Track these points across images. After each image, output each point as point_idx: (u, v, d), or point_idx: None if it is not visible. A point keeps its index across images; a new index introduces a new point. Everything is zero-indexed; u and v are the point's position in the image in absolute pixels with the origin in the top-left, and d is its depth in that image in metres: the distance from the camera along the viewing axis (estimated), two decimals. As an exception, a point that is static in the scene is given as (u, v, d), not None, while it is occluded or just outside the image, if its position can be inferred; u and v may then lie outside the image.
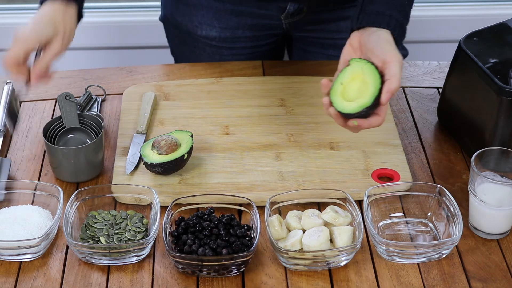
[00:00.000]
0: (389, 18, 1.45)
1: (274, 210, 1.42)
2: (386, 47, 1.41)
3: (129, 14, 2.66)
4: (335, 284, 1.34)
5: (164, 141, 1.50)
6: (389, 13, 1.46)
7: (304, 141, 1.59)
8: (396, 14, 1.46)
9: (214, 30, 1.80)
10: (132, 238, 1.38)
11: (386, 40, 1.43)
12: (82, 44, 2.65)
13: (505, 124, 1.46)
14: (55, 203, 1.43)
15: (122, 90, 1.73)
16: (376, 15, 1.46)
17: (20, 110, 1.69)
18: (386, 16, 1.45)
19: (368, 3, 1.48)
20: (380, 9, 1.46)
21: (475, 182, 1.40)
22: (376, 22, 1.45)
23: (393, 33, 1.44)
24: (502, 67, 1.48)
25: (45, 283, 1.34)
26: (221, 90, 1.72)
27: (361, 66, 1.40)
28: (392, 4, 1.47)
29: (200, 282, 1.34)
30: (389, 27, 1.45)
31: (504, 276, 1.36)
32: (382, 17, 1.45)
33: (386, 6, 1.47)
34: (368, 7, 1.47)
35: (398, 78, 1.37)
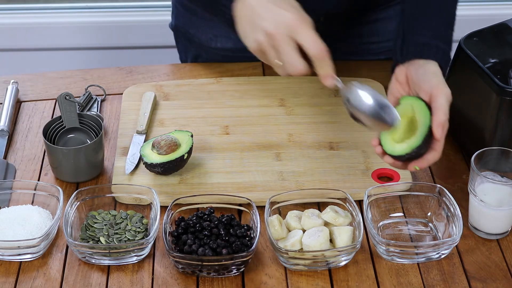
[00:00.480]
0: (436, 49, 1.42)
1: (274, 210, 1.42)
2: (433, 81, 1.38)
3: (129, 14, 2.67)
4: (335, 284, 1.34)
5: (164, 141, 1.50)
6: (435, 43, 1.42)
7: (304, 141, 1.59)
8: (441, 44, 1.42)
9: (230, 42, 1.78)
10: (132, 238, 1.38)
11: (433, 73, 1.39)
12: (82, 44, 2.66)
13: (505, 124, 1.46)
14: (55, 203, 1.43)
15: (122, 90, 1.73)
16: (422, 47, 1.42)
17: (20, 110, 1.69)
18: (432, 47, 1.42)
19: (410, 33, 1.44)
20: (424, 40, 1.42)
21: (475, 182, 1.40)
22: (423, 54, 1.41)
23: (440, 63, 1.41)
24: (502, 67, 1.48)
25: (45, 283, 1.34)
26: (221, 90, 1.72)
27: (411, 104, 1.38)
28: (436, 33, 1.43)
29: (200, 282, 1.34)
30: (437, 58, 1.41)
31: (504, 276, 1.36)
32: (428, 49, 1.42)
33: (430, 35, 1.43)
34: (411, 38, 1.43)
35: (444, 110, 1.35)
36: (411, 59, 1.42)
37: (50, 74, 1.79)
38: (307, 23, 1.31)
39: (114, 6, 2.69)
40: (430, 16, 1.46)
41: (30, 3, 2.69)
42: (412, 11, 1.47)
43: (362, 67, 1.79)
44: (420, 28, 1.44)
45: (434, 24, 1.45)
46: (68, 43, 2.65)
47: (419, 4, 1.47)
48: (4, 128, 1.61)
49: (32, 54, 2.67)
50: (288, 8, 1.32)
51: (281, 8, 1.32)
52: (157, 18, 2.61)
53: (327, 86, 1.33)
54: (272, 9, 1.32)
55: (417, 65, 1.41)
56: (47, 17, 2.65)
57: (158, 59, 2.44)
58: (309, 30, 1.31)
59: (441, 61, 1.42)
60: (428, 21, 1.45)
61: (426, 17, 1.45)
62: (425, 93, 1.38)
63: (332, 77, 1.33)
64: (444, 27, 1.46)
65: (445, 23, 1.47)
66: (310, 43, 1.30)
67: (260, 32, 1.32)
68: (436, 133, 1.35)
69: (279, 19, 1.31)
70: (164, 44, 2.11)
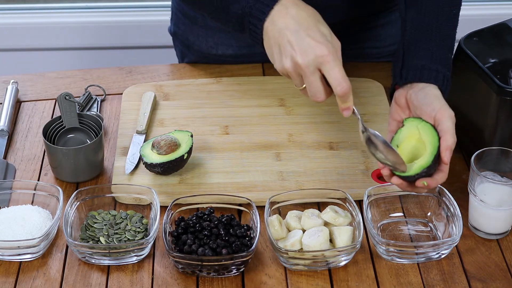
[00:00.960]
0: (436, 73, 1.41)
1: (274, 210, 1.42)
2: (435, 103, 1.37)
3: (129, 14, 2.67)
4: (335, 284, 1.34)
5: (164, 141, 1.50)
6: (435, 67, 1.41)
7: (304, 141, 1.59)
8: (441, 68, 1.41)
9: (231, 49, 1.78)
10: (132, 238, 1.38)
11: (435, 96, 1.38)
12: (82, 44, 2.66)
13: (505, 124, 1.46)
14: (55, 203, 1.43)
15: (122, 90, 1.73)
16: (422, 70, 1.41)
17: (20, 110, 1.69)
18: (432, 71, 1.41)
19: (410, 58, 1.43)
20: (425, 63, 1.41)
21: (475, 182, 1.40)
22: (423, 77, 1.40)
23: (440, 87, 1.40)
24: (502, 67, 1.48)
25: (45, 283, 1.34)
26: (221, 90, 1.72)
27: (416, 125, 1.37)
28: (436, 58, 1.42)
29: (200, 282, 1.34)
30: (437, 82, 1.40)
31: (504, 276, 1.36)
32: (428, 72, 1.41)
33: (430, 60, 1.42)
34: (411, 62, 1.42)
35: (451, 133, 1.34)
36: (411, 82, 1.41)
37: (50, 74, 1.79)
38: (336, 56, 1.32)
39: (114, 6, 2.69)
40: (429, 39, 1.44)
41: (30, 3, 2.69)
42: (412, 34, 1.45)
43: (362, 68, 1.79)
44: (420, 52, 1.43)
45: (434, 48, 1.44)
46: (68, 43, 2.65)
47: (418, 28, 1.46)
48: (4, 128, 1.61)
49: (32, 54, 2.67)
50: (318, 38, 1.32)
51: (311, 37, 1.31)
52: (157, 18, 2.61)
53: (344, 116, 1.35)
54: (302, 38, 1.32)
55: (416, 89, 1.40)
56: (47, 17, 2.65)
57: (158, 59, 2.44)
58: (336, 65, 1.31)
59: (441, 84, 1.41)
60: (428, 45, 1.44)
61: (425, 40, 1.44)
62: (428, 116, 1.37)
63: (351, 110, 1.34)
64: (443, 51, 1.44)
65: (445, 46, 1.45)
66: (336, 80, 1.31)
67: (289, 59, 1.33)
68: (444, 156, 1.33)
69: (308, 51, 1.31)
70: (164, 44, 2.11)
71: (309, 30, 1.33)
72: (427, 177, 1.34)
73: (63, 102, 1.54)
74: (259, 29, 1.37)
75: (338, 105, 1.34)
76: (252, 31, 1.39)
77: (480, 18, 2.15)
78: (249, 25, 1.38)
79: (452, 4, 1.49)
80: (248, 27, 1.39)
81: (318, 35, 1.32)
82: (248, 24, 1.38)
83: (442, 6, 1.47)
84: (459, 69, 1.54)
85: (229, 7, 1.40)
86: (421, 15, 1.47)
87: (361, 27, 1.77)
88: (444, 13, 1.47)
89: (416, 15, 1.47)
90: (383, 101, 1.69)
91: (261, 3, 1.36)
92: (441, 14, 1.47)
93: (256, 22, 1.37)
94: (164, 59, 2.20)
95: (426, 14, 1.46)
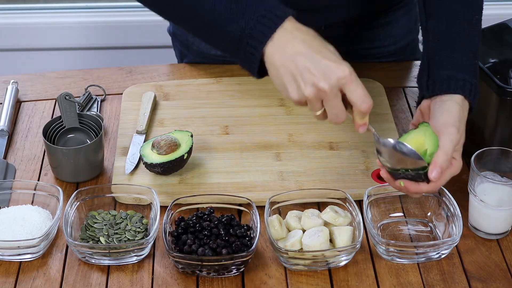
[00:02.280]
0: (463, 82, 1.37)
1: (274, 210, 1.42)
2: (442, 118, 1.34)
3: (129, 14, 2.67)
4: (335, 284, 1.34)
5: (164, 141, 1.50)
6: (462, 76, 1.37)
7: (304, 141, 1.59)
8: (468, 77, 1.38)
9: None
10: (132, 238, 1.38)
11: (447, 111, 1.34)
12: (82, 44, 2.66)
13: (505, 124, 1.46)
14: (55, 203, 1.43)
15: (122, 90, 1.73)
16: (449, 81, 1.37)
17: (20, 110, 1.69)
18: (459, 81, 1.37)
19: (435, 69, 1.40)
20: (451, 73, 1.38)
21: (475, 182, 1.40)
22: (449, 88, 1.37)
23: (468, 97, 1.37)
24: (502, 67, 1.48)
25: (45, 283, 1.34)
26: (221, 90, 1.72)
27: (424, 130, 1.36)
28: (462, 66, 1.39)
29: (200, 282, 1.34)
30: (464, 92, 1.36)
31: (504, 276, 1.36)
32: (455, 82, 1.37)
33: (456, 69, 1.38)
34: (437, 73, 1.39)
35: (446, 151, 1.30)
36: (438, 94, 1.38)
37: (50, 74, 1.79)
38: (354, 74, 1.28)
39: (114, 6, 2.69)
40: (453, 48, 1.41)
41: (30, 3, 2.69)
42: (435, 45, 1.42)
43: (362, 68, 1.79)
44: (445, 62, 1.40)
45: (459, 57, 1.40)
46: (68, 43, 2.65)
47: (441, 37, 1.42)
48: (4, 128, 1.61)
49: (32, 54, 2.67)
50: (333, 58, 1.28)
51: (327, 59, 1.27)
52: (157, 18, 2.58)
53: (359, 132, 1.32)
54: (319, 61, 1.27)
55: (439, 100, 1.37)
56: (47, 17, 2.65)
57: (158, 59, 2.44)
58: (359, 83, 1.28)
59: (468, 93, 1.37)
60: (452, 54, 1.40)
61: (449, 50, 1.41)
62: (434, 128, 1.35)
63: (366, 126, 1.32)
64: (468, 58, 1.41)
65: (469, 53, 1.41)
66: (361, 98, 1.28)
67: (310, 86, 1.27)
68: (429, 173, 1.30)
69: (329, 74, 1.26)
70: (164, 44, 2.11)
71: (321, 52, 1.28)
72: (409, 180, 1.32)
73: (63, 102, 1.54)
74: (259, 52, 1.31)
75: (355, 122, 1.31)
76: (249, 53, 1.32)
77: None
78: (247, 46, 1.32)
79: (474, 9, 1.45)
80: (244, 49, 1.32)
81: (330, 54, 1.28)
82: (246, 45, 1.32)
83: (463, 13, 1.43)
84: (459, 69, 1.54)
85: (225, 26, 1.33)
86: (442, 23, 1.43)
87: (361, 27, 1.77)
88: (466, 19, 1.43)
89: (438, 24, 1.43)
90: (383, 101, 1.69)
91: (262, 25, 1.30)
92: (463, 21, 1.43)
93: (256, 44, 1.31)
94: (164, 59, 2.20)
95: (448, 22, 1.43)
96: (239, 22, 1.31)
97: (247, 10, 1.31)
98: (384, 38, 1.79)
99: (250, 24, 1.30)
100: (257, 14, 1.30)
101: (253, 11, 1.30)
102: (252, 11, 1.30)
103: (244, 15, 1.30)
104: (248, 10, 1.30)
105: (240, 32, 1.31)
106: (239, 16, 1.31)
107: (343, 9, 1.67)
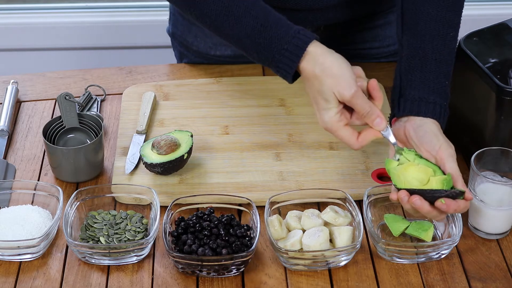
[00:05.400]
0: (434, 105, 1.39)
1: (274, 210, 1.42)
2: (434, 142, 1.36)
3: (129, 14, 2.67)
4: (335, 284, 1.34)
5: (164, 141, 1.50)
6: (432, 99, 1.39)
7: (303, 141, 1.59)
8: (439, 99, 1.40)
9: (230, 49, 1.78)
10: (132, 238, 1.38)
11: (433, 134, 1.37)
12: (82, 44, 2.66)
13: (505, 124, 1.46)
14: (55, 203, 1.43)
15: (122, 90, 1.73)
16: (419, 102, 1.39)
17: (20, 110, 1.69)
18: (430, 104, 1.39)
19: (407, 86, 1.41)
20: (422, 95, 1.40)
21: (475, 182, 1.40)
22: (420, 111, 1.39)
23: (438, 120, 1.39)
24: (502, 67, 1.48)
25: (45, 283, 1.34)
26: (221, 90, 1.72)
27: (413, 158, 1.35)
28: (432, 88, 1.41)
29: (200, 282, 1.34)
30: (434, 115, 1.39)
31: (504, 276, 1.36)
32: (426, 105, 1.39)
33: (428, 90, 1.40)
34: (408, 92, 1.41)
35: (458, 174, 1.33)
36: (408, 115, 1.40)
37: (50, 74, 1.79)
38: (334, 127, 1.36)
39: (114, 6, 2.69)
40: (425, 68, 1.42)
41: (30, 3, 2.69)
42: (408, 61, 1.43)
43: (362, 68, 1.79)
44: (416, 82, 1.41)
45: (431, 77, 1.41)
46: (68, 43, 2.65)
47: (414, 55, 1.43)
48: (4, 128, 1.61)
49: (32, 54, 2.66)
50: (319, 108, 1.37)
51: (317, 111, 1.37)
52: (157, 18, 2.60)
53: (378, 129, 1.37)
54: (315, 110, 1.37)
55: (415, 125, 1.38)
56: (47, 17, 2.65)
57: (158, 59, 2.44)
58: (339, 135, 1.37)
59: (438, 117, 1.39)
60: (424, 74, 1.42)
61: (421, 69, 1.42)
62: (430, 156, 1.35)
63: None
64: (440, 80, 1.42)
65: (441, 74, 1.43)
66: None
67: None
68: (466, 194, 1.32)
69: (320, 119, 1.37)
70: (164, 44, 2.11)
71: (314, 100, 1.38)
72: (449, 198, 1.32)
73: (63, 102, 1.55)
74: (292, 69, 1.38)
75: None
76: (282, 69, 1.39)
77: (480, 18, 2.15)
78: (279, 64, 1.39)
79: (450, 26, 1.45)
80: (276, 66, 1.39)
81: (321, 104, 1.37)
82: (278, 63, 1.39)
83: (438, 29, 1.44)
84: (459, 69, 1.54)
85: (254, 54, 1.40)
86: (417, 39, 1.44)
87: (360, 27, 1.77)
88: (441, 36, 1.44)
89: (412, 39, 1.44)
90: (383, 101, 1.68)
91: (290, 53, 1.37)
92: (437, 38, 1.44)
93: (289, 63, 1.37)
94: (164, 59, 2.20)
95: (422, 39, 1.43)
96: (267, 55, 1.38)
97: (273, 43, 1.38)
98: (384, 38, 1.79)
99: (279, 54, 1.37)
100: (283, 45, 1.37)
101: (279, 43, 1.37)
102: (278, 43, 1.37)
103: (271, 47, 1.38)
104: (275, 43, 1.38)
105: (271, 59, 1.38)
106: (267, 50, 1.38)
107: (342, 10, 1.67)
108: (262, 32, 1.38)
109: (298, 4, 1.60)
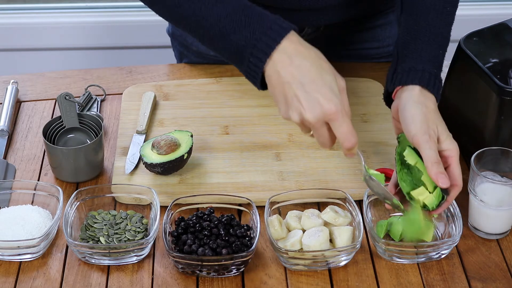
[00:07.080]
0: (422, 73, 1.38)
1: (274, 210, 1.42)
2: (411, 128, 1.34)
3: (129, 14, 2.67)
4: (335, 284, 1.34)
5: (164, 141, 1.50)
6: (421, 67, 1.38)
7: (303, 141, 1.59)
8: (428, 67, 1.38)
9: None
10: (132, 238, 1.38)
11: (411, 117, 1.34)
12: (82, 44, 2.66)
13: (505, 124, 1.46)
14: (55, 203, 1.43)
15: (122, 90, 1.73)
16: (408, 73, 1.38)
17: (20, 110, 1.69)
18: (418, 72, 1.38)
19: (401, 62, 1.41)
20: (412, 65, 1.39)
21: (475, 182, 1.40)
22: (408, 80, 1.37)
23: (426, 87, 1.37)
24: (502, 67, 1.48)
25: (45, 283, 1.34)
26: (221, 90, 1.72)
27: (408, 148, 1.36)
28: (423, 57, 1.39)
29: (200, 282, 1.34)
30: (422, 82, 1.37)
31: (504, 276, 1.36)
32: (414, 73, 1.38)
33: (419, 60, 1.39)
34: (399, 66, 1.40)
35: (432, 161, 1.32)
36: (397, 85, 1.39)
37: (50, 74, 1.79)
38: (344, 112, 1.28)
39: (114, 6, 2.69)
40: (419, 39, 1.42)
41: (30, 3, 2.69)
42: (403, 38, 1.43)
43: (362, 68, 1.79)
44: (410, 54, 1.41)
45: (423, 47, 1.41)
46: (68, 43, 2.66)
47: (409, 30, 1.43)
48: (4, 128, 1.61)
49: (32, 54, 2.67)
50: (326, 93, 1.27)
51: (318, 92, 1.27)
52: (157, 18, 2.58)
53: (347, 157, 1.34)
54: (310, 92, 1.27)
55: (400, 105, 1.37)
56: (47, 17, 2.65)
57: (158, 59, 2.44)
58: (344, 122, 1.28)
59: (427, 83, 1.37)
60: (416, 46, 1.41)
61: (415, 41, 1.42)
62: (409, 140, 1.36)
63: (355, 155, 1.33)
64: (432, 49, 1.41)
65: (434, 44, 1.42)
66: (344, 136, 1.29)
67: (296, 114, 1.28)
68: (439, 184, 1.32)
69: (316, 108, 1.27)
70: (164, 44, 2.11)
71: (314, 82, 1.28)
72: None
73: (63, 102, 1.55)
74: (262, 63, 1.31)
75: (342, 150, 1.32)
76: (252, 64, 1.32)
77: (480, 18, 2.15)
78: (251, 57, 1.32)
79: (446, 1, 1.45)
80: (248, 60, 1.32)
81: (325, 89, 1.28)
82: (250, 56, 1.32)
83: (434, 4, 1.44)
84: (459, 69, 1.54)
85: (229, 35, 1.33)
86: (413, 16, 1.44)
87: (360, 27, 1.77)
88: (437, 10, 1.44)
89: (409, 17, 1.45)
90: (383, 101, 1.68)
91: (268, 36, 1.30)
92: (433, 12, 1.44)
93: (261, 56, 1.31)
94: (164, 59, 2.20)
95: (418, 15, 1.44)
96: (243, 33, 1.32)
97: (253, 22, 1.31)
98: (384, 39, 1.79)
99: (255, 34, 1.31)
100: (263, 26, 1.31)
101: (259, 23, 1.31)
102: (258, 23, 1.31)
103: (250, 26, 1.31)
104: (254, 22, 1.31)
105: (244, 42, 1.31)
106: (245, 27, 1.31)
107: (342, 10, 1.67)
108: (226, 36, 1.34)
109: (298, 4, 1.60)
